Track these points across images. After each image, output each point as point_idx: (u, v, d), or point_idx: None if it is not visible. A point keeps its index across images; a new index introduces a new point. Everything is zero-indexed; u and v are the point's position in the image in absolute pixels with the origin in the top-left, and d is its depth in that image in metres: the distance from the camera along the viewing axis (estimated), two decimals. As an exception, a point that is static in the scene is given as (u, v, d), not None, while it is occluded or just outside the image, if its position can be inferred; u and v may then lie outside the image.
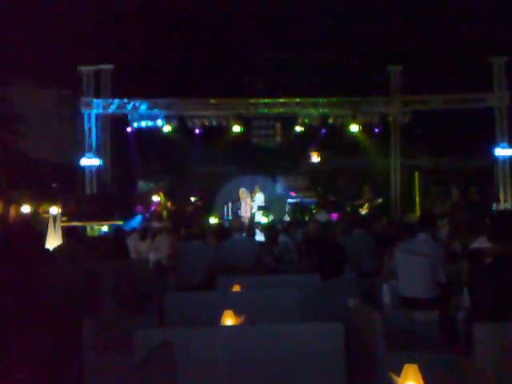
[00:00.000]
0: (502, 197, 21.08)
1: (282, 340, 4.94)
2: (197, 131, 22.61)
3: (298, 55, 21.57)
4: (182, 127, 22.24)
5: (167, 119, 22.01)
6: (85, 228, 17.52)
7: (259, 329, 5.07)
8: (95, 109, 21.56)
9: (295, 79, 21.43)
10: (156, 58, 20.74)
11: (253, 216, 21.04)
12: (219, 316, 5.42)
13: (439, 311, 6.56)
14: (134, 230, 13.77)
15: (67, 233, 11.18)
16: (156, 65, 20.70)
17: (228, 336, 4.96)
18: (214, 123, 22.10)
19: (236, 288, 6.96)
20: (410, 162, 22.55)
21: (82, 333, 5.33)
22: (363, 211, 20.41)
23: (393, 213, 21.60)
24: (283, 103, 21.92)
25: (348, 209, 20.85)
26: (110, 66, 21.62)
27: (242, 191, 21.52)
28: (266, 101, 21.87)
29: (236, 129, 22.17)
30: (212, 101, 21.71)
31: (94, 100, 21.49)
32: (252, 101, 21.86)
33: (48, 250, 10.16)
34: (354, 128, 21.96)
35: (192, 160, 23.22)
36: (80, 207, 19.44)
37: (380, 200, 20.58)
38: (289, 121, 22.66)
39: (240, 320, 5.40)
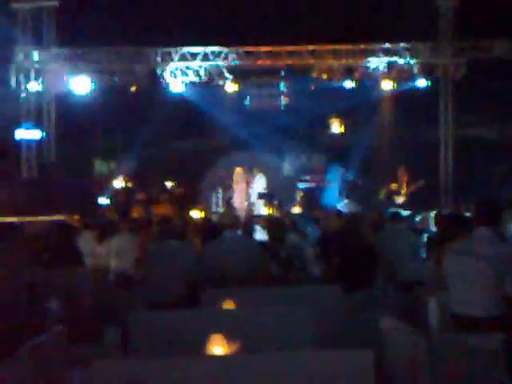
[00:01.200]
0: None
1: (292, 373, 4.96)
2: (174, 90, 22.46)
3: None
4: (154, 85, 22.18)
5: (134, 74, 21.96)
6: (21, 224, 17.53)
7: (260, 359, 5.09)
8: (34, 61, 21.53)
9: (308, 19, 21.37)
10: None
11: (251, 206, 21.08)
12: (205, 342, 5.45)
13: (505, 335, 6.58)
14: (88, 226, 13.78)
15: (-2, 231, 11.19)
16: (116, 2, 20.66)
17: (217, 369, 4.99)
18: (201, 78, 21.99)
19: (228, 304, 7.00)
20: (465, 133, 22.54)
21: (18, 365, 5.34)
22: (400, 199, 20.43)
23: (442, 202, 21.62)
24: (292, 52, 21.88)
25: (381, 196, 20.87)
26: (54, 3, 21.56)
27: (238, 173, 21.53)
28: (269, 49, 21.83)
29: (229, 87, 22.11)
30: (194, 49, 21.67)
31: (33, 50, 21.45)
32: (249, 49, 21.81)
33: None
34: (388, 85, 21.93)
35: (168, 131, 23.20)
36: (14, 196, 19.44)
37: (422, 183, 20.59)
38: (300, 76, 22.62)
39: (233, 348, 5.43)
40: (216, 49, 21.69)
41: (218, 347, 5.41)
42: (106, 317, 7.94)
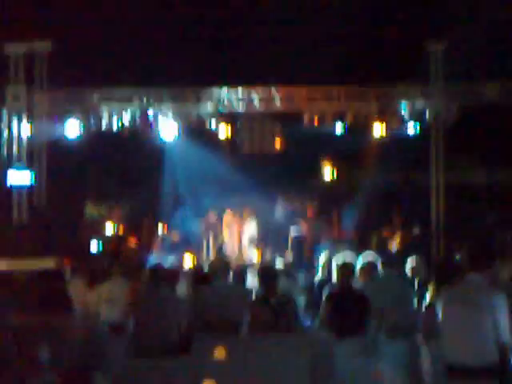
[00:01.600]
0: None
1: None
2: (166, 135, 22.53)
3: (305, 28, 21.58)
4: (146, 128, 22.20)
5: (125, 117, 21.95)
6: (11, 271, 17.43)
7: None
8: (26, 103, 21.59)
9: (300, 61, 21.46)
10: (108, 35, 20.74)
11: (243, 251, 21.03)
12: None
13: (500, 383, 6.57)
14: (78, 272, 13.72)
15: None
16: (109, 44, 20.73)
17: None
18: (192, 122, 22.04)
19: (220, 352, 6.98)
20: (457, 178, 22.53)
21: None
22: (393, 244, 20.41)
23: (434, 247, 21.59)
24: (284, 96, 21.96)
25: (373, 241, 20.84)
26: (47, 45, 21.65)
27: (229, 216, 21.53)
28: (259, 92, 21.91)
29: (221, 132, 22.16)
30: (187, 91, 21.74)
31: (25, 91, 21.52)
32: (241, 93, 21.91)
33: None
34: (379, 129, 21.94)
35: (160, 175, 23.19)
36: (4, 241, 19.35)
37: (417, 230, 20.59)
38: (291, 119, 22.67)
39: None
40: (205, 89, 21.78)
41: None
42: (97, 365, 7.90)
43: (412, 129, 22.17)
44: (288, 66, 21.12)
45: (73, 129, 21.89)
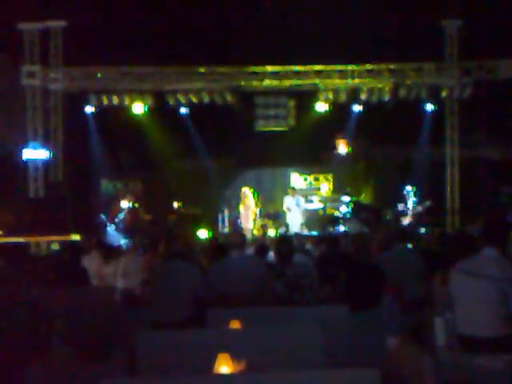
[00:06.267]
0: None
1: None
2: (181, 111, 22.66)
3: (320, 6, 21.52)
4: (161, 106, 22.28)
5: (140, 95, 22.04)
6: (27, 245, 17.54)
7: (266, 378, 5.08)
8: (41, 81, 21.61)
9: (315, 39, 21.40)
10: (124, 13, 20.74)
11: (259, 227, 21.10)
12: (211, 362, 5.44)
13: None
14: (94, 247, 13.79)
15: (3, 251, 11.21)
16: (124, 22, 20.72)
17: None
18: (206, 99, 22.05)
19: (234, 324, 6.98)
20: (472, 153, 22.51)
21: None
22: (407, 220, 20.41)
23: (448, 222, 21.58)
24: (299, 73, 21.94)
25: (388, 216, 20.85)
26: (62, 23, 21.66)
27: (245, 192, 21.56)
28: (275, 69, 21.89)
29: (237, 108, 22.21)
30: (201, 69, 21.75)
31: (40, 69, 21.55)
32: (256, 69, 21.88)
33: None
34: (393, 105, 21.93)
35: (175, 151, 23.25)
36: (20, 216, 19.44)
37: (428, 203, 20.55)
38: (307, 97, 22.68)
39: (240, 367, 5.42)
40: (222, 69, 21.78)
41: (224, 367, 5.40)
42: (113, 337, 7.93)
43: (427, 104, 22.20)
44: (303, 44, 21.04)
45: (90, 105, 22.02)
